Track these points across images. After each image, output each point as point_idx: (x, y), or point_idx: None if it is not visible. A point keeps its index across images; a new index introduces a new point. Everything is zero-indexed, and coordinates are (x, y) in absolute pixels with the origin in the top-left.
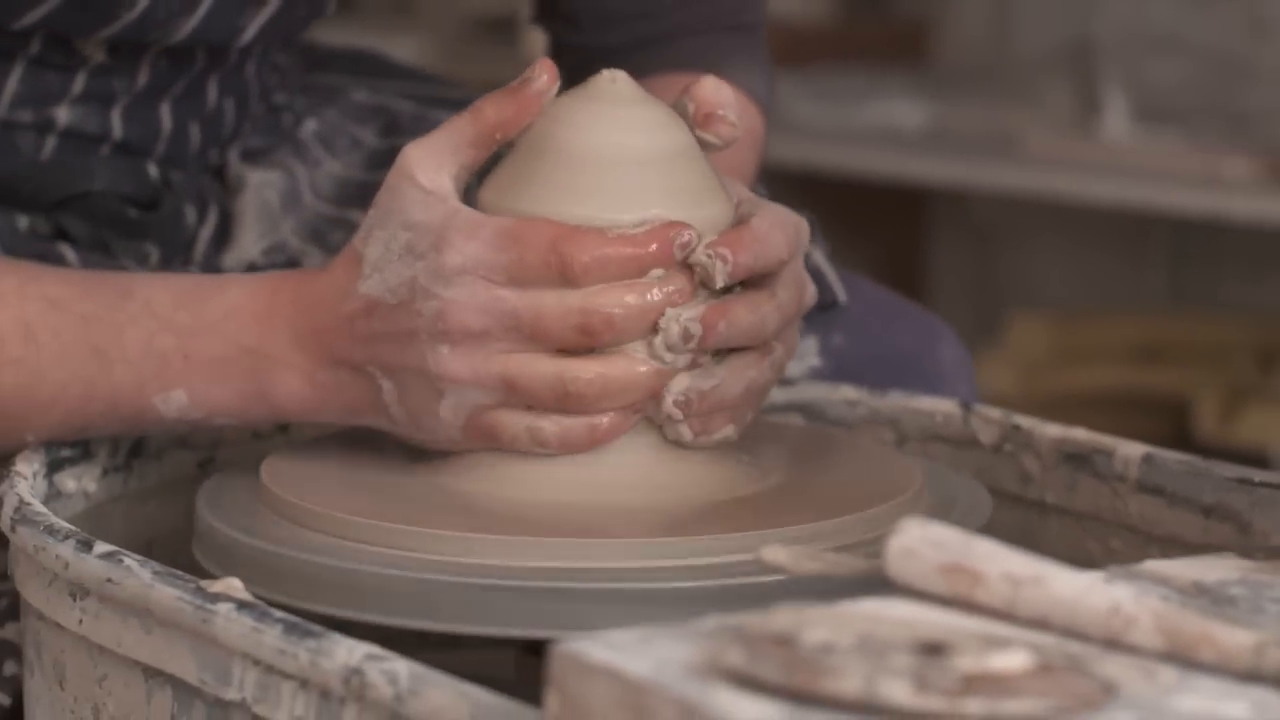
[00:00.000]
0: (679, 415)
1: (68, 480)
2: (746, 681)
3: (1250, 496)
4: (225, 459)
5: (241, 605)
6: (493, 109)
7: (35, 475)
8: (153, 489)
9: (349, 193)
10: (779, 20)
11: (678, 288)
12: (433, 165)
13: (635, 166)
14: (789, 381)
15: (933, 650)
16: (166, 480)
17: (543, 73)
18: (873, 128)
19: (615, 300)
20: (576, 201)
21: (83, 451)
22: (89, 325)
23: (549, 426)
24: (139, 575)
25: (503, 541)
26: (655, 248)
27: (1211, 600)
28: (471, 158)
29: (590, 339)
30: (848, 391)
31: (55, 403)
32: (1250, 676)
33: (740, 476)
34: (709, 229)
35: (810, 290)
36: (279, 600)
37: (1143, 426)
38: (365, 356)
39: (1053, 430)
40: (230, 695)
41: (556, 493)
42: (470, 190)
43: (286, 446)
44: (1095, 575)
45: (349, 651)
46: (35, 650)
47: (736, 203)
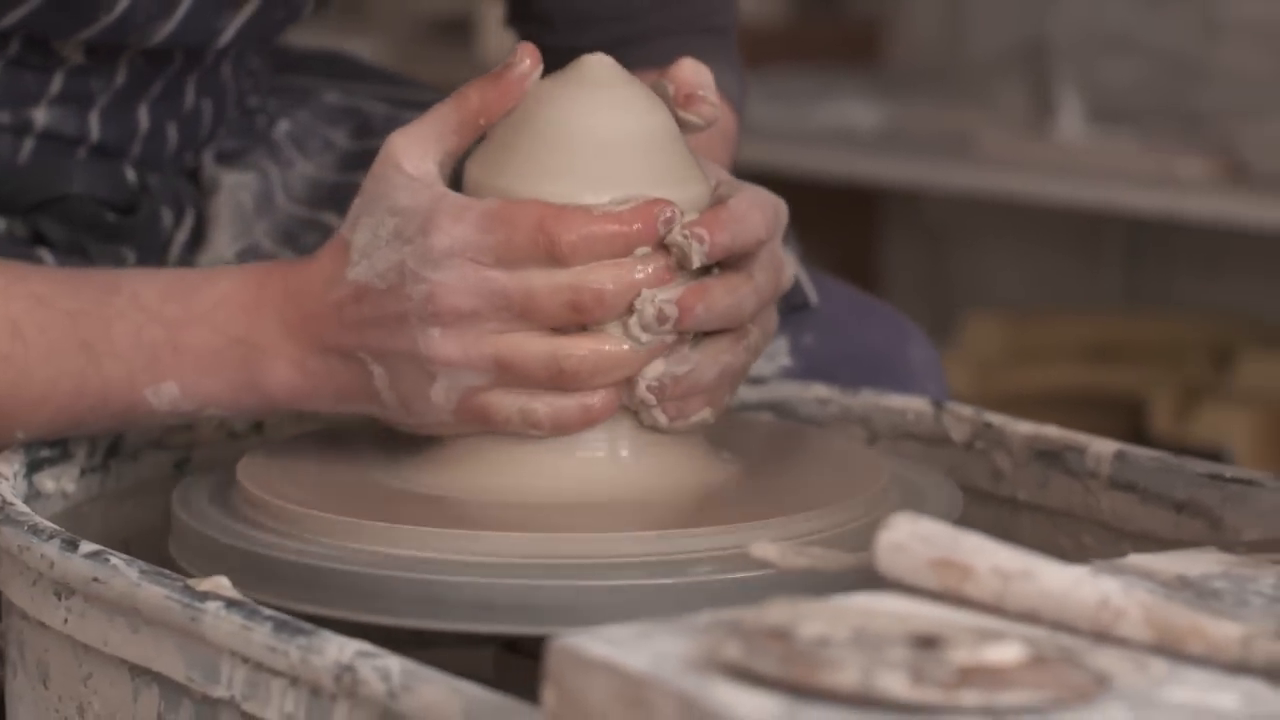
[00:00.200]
0: (652, 400)
1: (46, 480)
2: (744, 675)
3: (1222, 492)
4: (201, 459)
5: (230, 603)
6: (476, 94)
7: (15, 476)
8: (129, 489)
9: (321, 194)
10: None
11: (665, 264)
12: (418, 152)
13: (616, 147)
14: (760, 380)
15: (927, 643)
16: (143, 480)
17: (525, 57)
18: (827, 128)
19: (606, 275)
20: (559, 179)
21: (61, 452)
22: (76, 321)
23: (541, 407)
24: (126, 574)
25: (475, 537)
26: (640, 225)
27: (1196, 593)
28: (456, 144)
29: (581, 315)
30: (819, 390)
31: (46, 399)
32: (1238, 668)
33: (710, 472)
34: (689, 209)
35: (788, 272)
36: (255, 599)
37: (1098, 425)
38: (355, 342)
39: (1024, 428)
40: (219, 693)
41: (528, 490)
42: (455, 172)
43: (262, 446)
44: (1084, 569)
45: (340, 648)
46: (18, 650)
47: (715, 184)
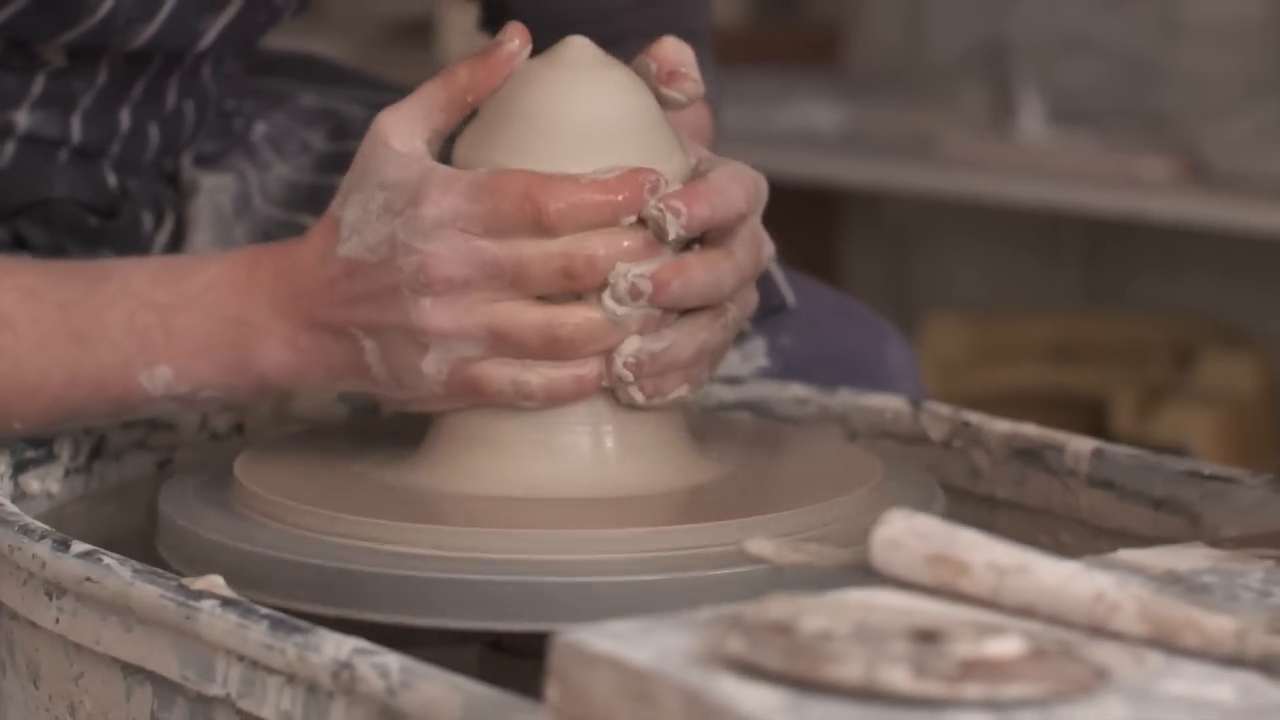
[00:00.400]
0: (630, 377)
1: (32, 481)
2: (748, 669)
3: (1200, 489)
4: (183, 460)
5: (225, 602)
6: (465, 72)
7: (2, 477)
8: (112, 490)
9: (298, 196)
10: None
11: (647, 236)
12: (406, 130)
13: (600, 126)
14: (738, 380)
15: (928, 637)
16: (126, 481)
17: (514, 36)
18: (788, 130)
19: (596, 242)
20: (546, 155)
21: (46, 453)
22: (67, 311)
23: (535, 378)
24: (119, 574)
25: (457, 533)
26: (626, 194)
27: (1186, 588)
28: (444, 121)
29: (573, 282)
30: (797, 389)
31: (40, 389)
32: (1233, 661)
33: (697, 470)
34: (672, 182)
35: (768, 248)
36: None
37: (1060, 425)
38: (346, 318)
39: (1002, 426)
40: (214, 691)
41: (515, 488)
42: (443, 151)
43: (257, 446)
44: (1078, 564)
45: (338, 646)
46: (8, 649)
47: (696, 162)
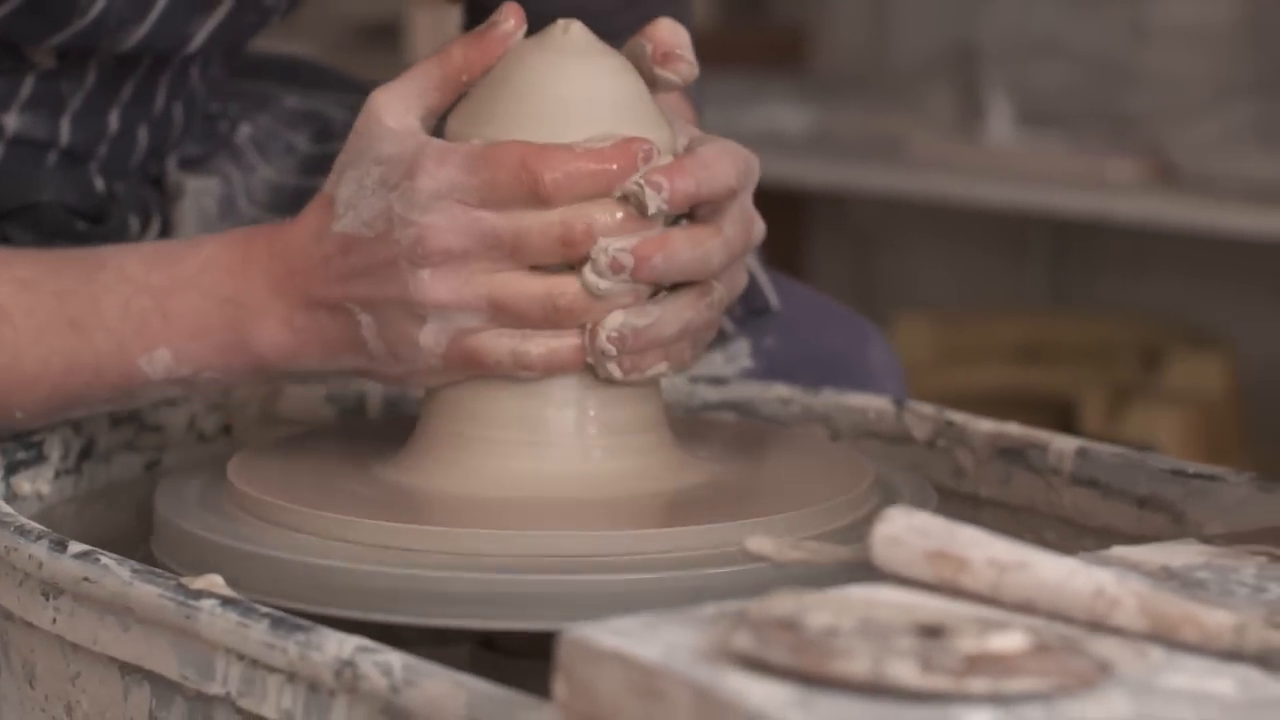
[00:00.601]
0: (612, 351)
1: (23, 483)
2: (755, 664)
3: (1184, 487)
4: (171, 461)
5: (225, 601)
6: (460, 51)
7: None
8: (101, 491)
9: (283, 199)
10: None
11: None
12: (400, 108)
13: (589, 106)
14: (722, 381)
15: (932, 632)
16: (115, 482)
17: (509, 16)
18: (755, 132)
19: (594, 209)
20: (534, 132)
21: (36, 454)
22: (63, 300)
23: (534, 348)
24: (118, 574)
25: (456, 534)
26: (620, 162)
27: (1181, 584)
28: (438, 100)
29: (572, 250)
30: (780, 390)
31: (39, 379)
32: (1231, 655)
33: (684, 469)
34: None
35: (758, 227)
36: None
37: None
38: (343, 294)
39: (986, 426)
40: (213, 690)
41: (506, 489)
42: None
43: (250, 448)
44: (1077, 559)
45: (340, 644)
46: (2, 650)
47: (687, 142)
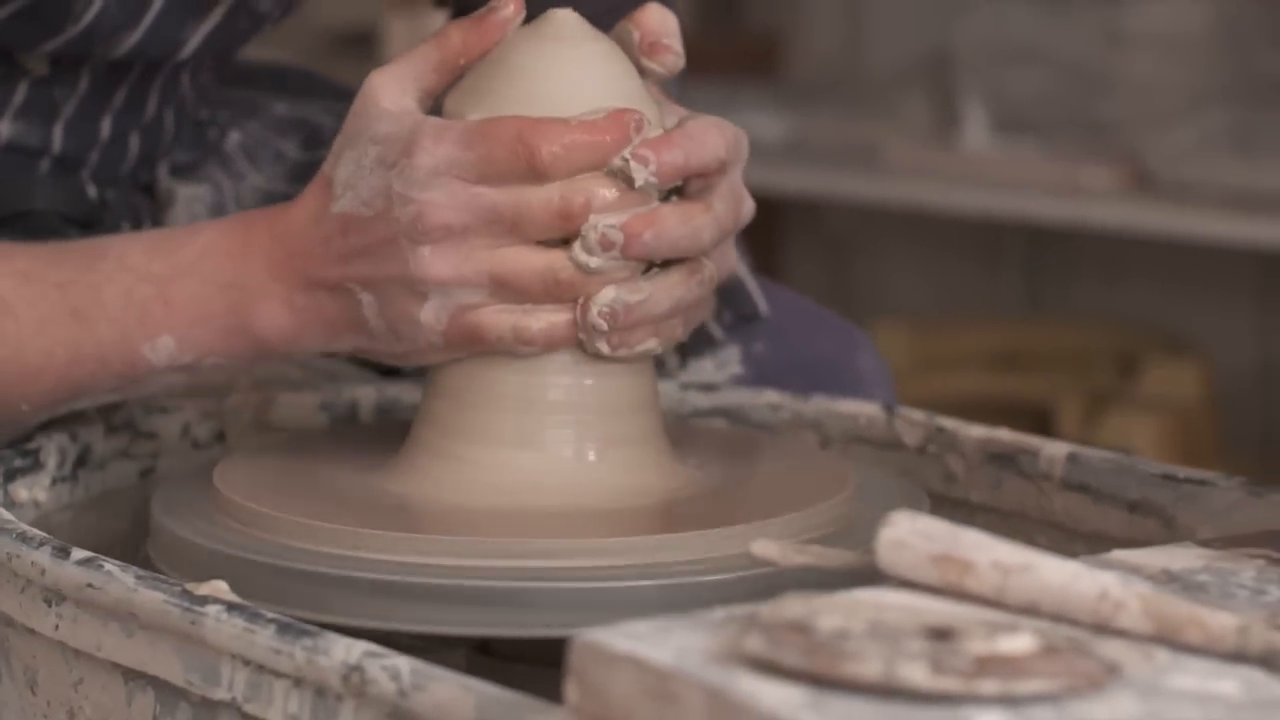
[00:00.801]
0: (604, 326)
1: (20, 490)
2: (767, 667)
3: (1175, 492)
4: (166, 468)
5: (231, 607)
6: (458, 34)
7: None
8: (96, 498)
9: (273, 205)
10: None
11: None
12: (397, 90)
13: (580, 91)
14: (713, 387)
15: (942, 635)
16: (110, 489)
17: (509, 2)
18: None
19: (594, 184)
20: (530, 111)
21: (33, 462)
22: (65, 291)
23: (535, 323)
24: (122, 580)
25: (452, 542)
26: (613, 134)
27: (1182, 587)
28: (434, 83)
29: (572, 223)
30: (771, 396)
31: (44, 370)
32: (1235, 657)
33: (677, 477)
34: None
35: (748, 205)
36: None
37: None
38: (343, 274)
39: (977, 431)
40: (219, 695)
41: (501, 495)
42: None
43: (239, 453)
44: (1081, 563)
45: (347, 649)
46: (3, 656)
47: (676, 121)
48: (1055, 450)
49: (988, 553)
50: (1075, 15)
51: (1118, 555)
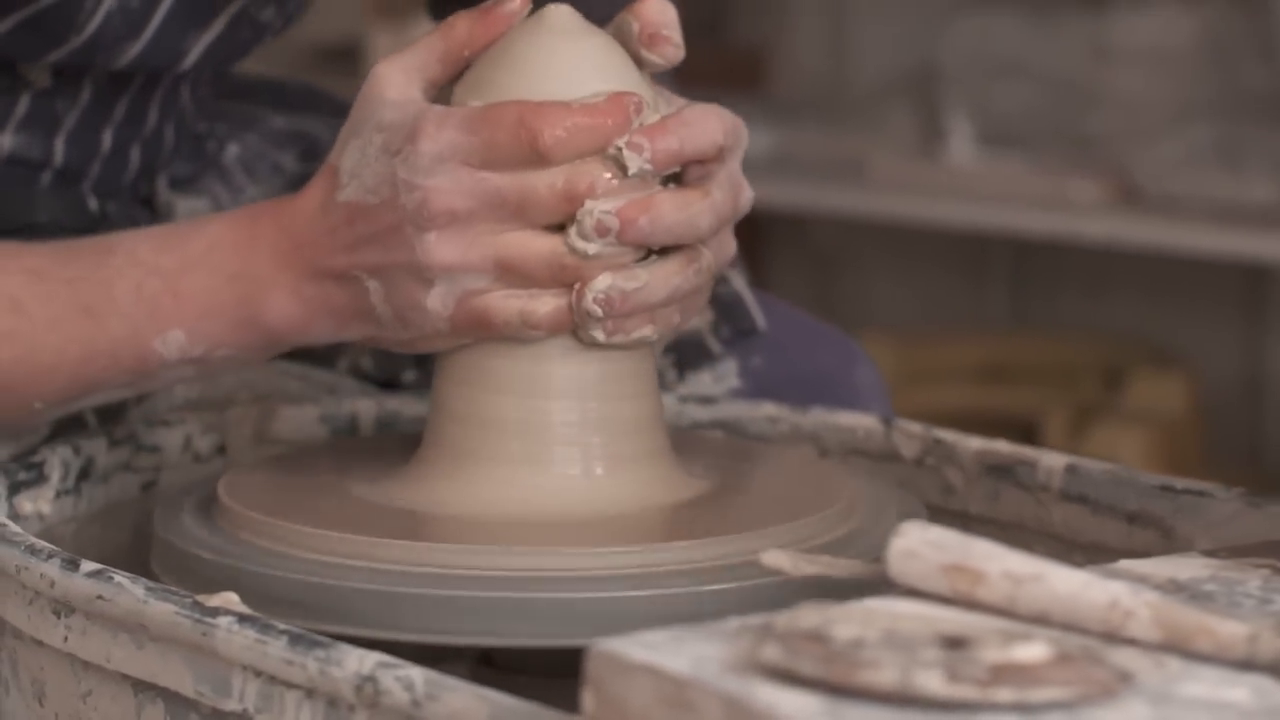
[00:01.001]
0: (599, 313)
1: (25, 503)
2: (784, 676)
3: (1174, 503)
4: (168, 481)
5: (242, 618)
6: (464, 25)
7: None
8: (99, 511)
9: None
10: None
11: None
12: (402, 80)
13: (579, 85)
14: (710, 400)
15: (956, 643)
16: (112, 502)
17: None
18: None
19: (598, 167)
20: (534, 99)
21: (37, 475)
22: (76, 288)
23: (541, 307)
24: (132, 592)
25: (458, 550)
26: (614, 117)
27: (1190, 596)
28: (439, 73)
29: (576, 206)
30: (769, 408)
31: (56, 368)
32: (1245, 665)
33: (683, 486)
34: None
35: (747, 194)
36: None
37: None
38: (349, 262)
39: (975, 443)
40: (230, 706)
41: (505, 505)
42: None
43: (242, 465)
44: (1091, 572)
45: (360, 660)
46: (10, 668)
47: (676, 110)
48: (1053, 461)
49: (999, 562)
50: (1061, 29)
51: (1124, 565)
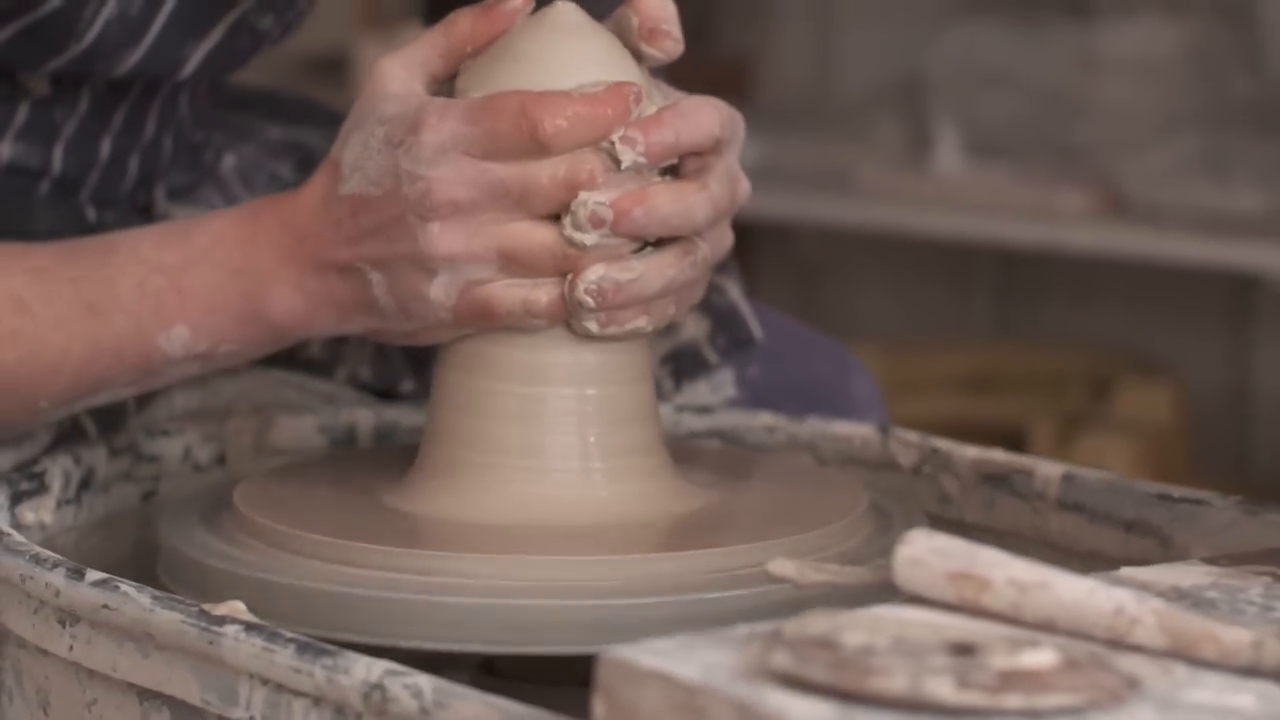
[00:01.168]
0: (591, 303)
1: (27, 513)
2: (794, 682)
3: (1170, 511)
4: (168, 491)
5: (249, 627)
6: (466, 22)
7: (1, 508)
8: (100, 521)
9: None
10: None
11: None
12: (404, 75)
13: (586, 76)
14: (708, 409)
15: (965, 650)
16: (113, 512)
17: None
18: None
19: (599, 156)
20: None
21: (39, 485)
22: (79, 286)
23: (544, 296)
24: (138, 601)
25: (463, 561)
26: (614, 107)
27: (1193, 603)
28: (441, 68)
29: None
30: (766, 418)
31: (61, 366)
32: (1249, 671)
33: (685, 495)
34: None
35: (744, 186)
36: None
37: None
38: (353, 255)
39: (971, 452)
40: (237, 714)
41: (508, 513)
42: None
43: (251, 475)
44: (1096, 579)
45: (368, 668)
46: (15, 677)
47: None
48: (1050, 470)
49: (1004, 570)
50: (1048, 39)
51: (1126, 573)
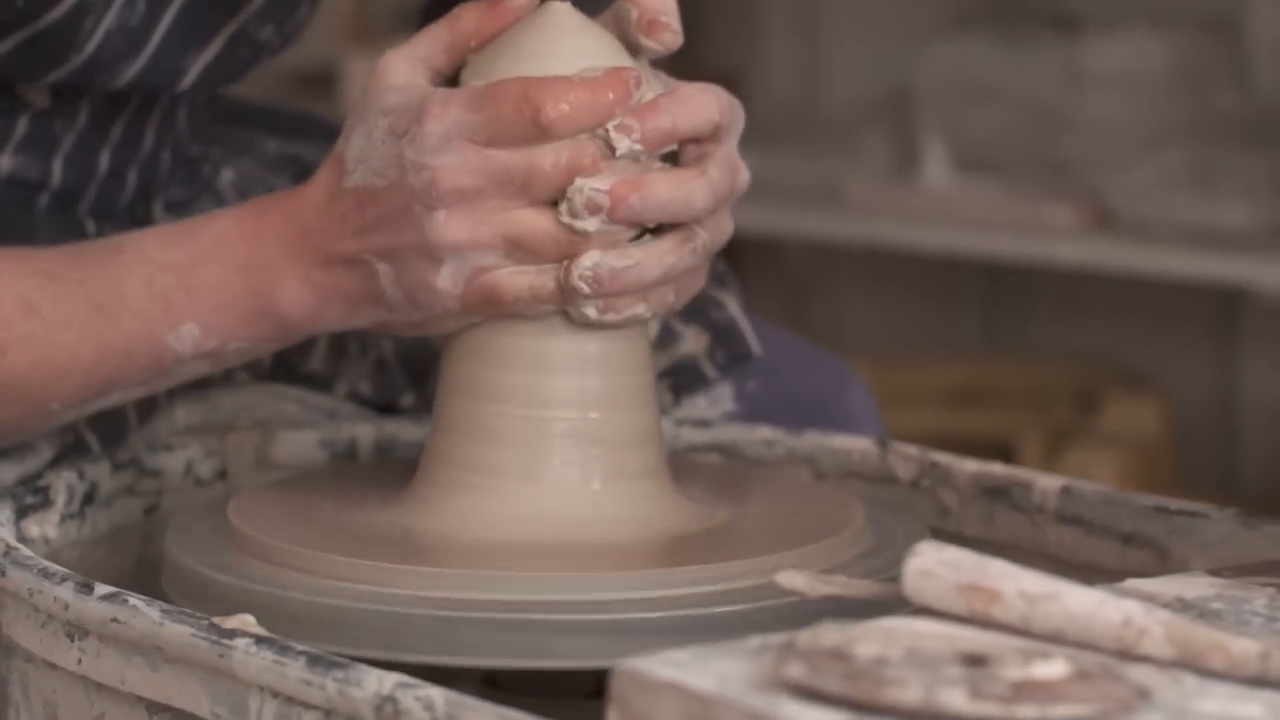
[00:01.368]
0: (585, 289)
1: (32, 527)
2: (808, 693)
3: (1168, 524)
4: (170, 505)
5: (260, 640)
6: (471, 17)
7: (7, 522)
8: (103, 535)
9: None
10: None
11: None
12: (407, 69)
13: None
14: (706, 423)
15: (977, 661)
16: (116, 526)
17: None
18: None
19: (600, 141)
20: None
21: (43, 499)
22: (87, 287)
23: (549, 283)
24: (147, 614)
25: (467, 575)
26: (615, 91)
27: (1198, 614)
28: (445, 63)
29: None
30: (765, 432)
31: (71, 369)
32: (1257, 681)
33: (682, 510)
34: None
35: (744, 175)
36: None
37: None
38: (359, 247)
39: (970, 465)
40: None
41: (508, 529)
42: None
43: (250, 490)
44: (1105, 590)
45: (379, 680)
46: (21, 691)
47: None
48: (1048, 483)
49: (1014, 582)
50: (1035, 54)
51: (1131, 584)
